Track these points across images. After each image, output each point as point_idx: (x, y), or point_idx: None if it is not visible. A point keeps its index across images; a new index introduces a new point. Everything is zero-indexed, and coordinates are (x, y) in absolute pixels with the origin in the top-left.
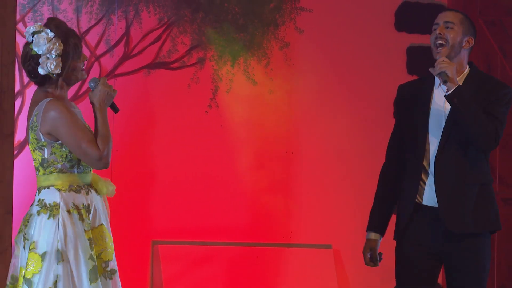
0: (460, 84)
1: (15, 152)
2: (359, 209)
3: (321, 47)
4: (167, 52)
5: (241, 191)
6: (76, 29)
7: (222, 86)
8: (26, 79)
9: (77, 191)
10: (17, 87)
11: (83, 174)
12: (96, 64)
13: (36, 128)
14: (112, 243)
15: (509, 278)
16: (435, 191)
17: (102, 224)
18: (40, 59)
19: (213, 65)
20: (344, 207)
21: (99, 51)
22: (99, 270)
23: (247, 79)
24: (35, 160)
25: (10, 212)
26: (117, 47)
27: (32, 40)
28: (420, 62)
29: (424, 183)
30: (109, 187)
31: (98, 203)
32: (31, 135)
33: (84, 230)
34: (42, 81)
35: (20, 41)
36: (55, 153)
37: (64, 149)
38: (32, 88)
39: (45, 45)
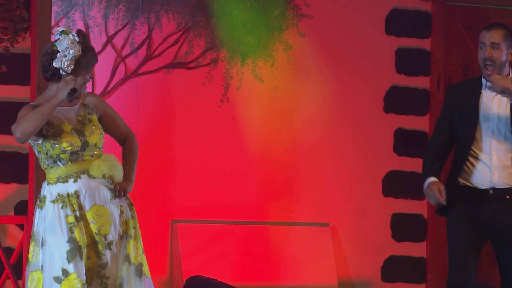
0: None
1: None
2: (353, 192)
3: (320, 49)
4: (185, 54)
5: (249, 175)
6: (104, 33)
7: (232, 83)
8: None
9: (65, 181)
10: None
11: (69, 165)
12: (121, 64)
13: None
14: (112, 217)
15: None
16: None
17: (95, 204)
18: (58, 54)
19: (224, 65)
20: (340, 190)
21: (124, 53)
22: (101, 245)
23: (254, 77)
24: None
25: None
26: (140, 49)
27: (58, 38)
28: (407, 62)
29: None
30: (103, 169)
31: (91, 186)
32: None
33: (67, 215)
34: (51, 77)
35: None
36: (40, 152)
37: (44, 147)
38: None
39: (67, 44)
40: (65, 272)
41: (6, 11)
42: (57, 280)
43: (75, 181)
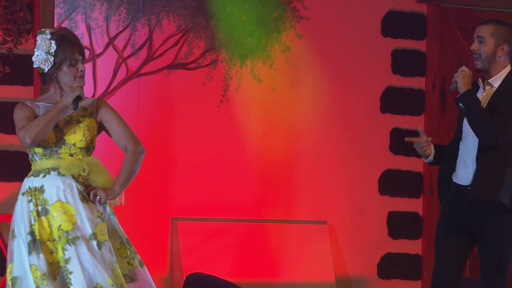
0: (496, 85)
1: None
2: (350, 190)
3: (317, 50)
4: (185, 55)
5: (248, 174)
6: (105, 35)
7: (232, 84)
8: None
9: (37, 175)
10: None
11: (43, 160)
12: (123, 65)
13: None
14: (79, 216)
15: None
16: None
17: (59, 201)
18: (34, 53)
19: (224, 66)
20: (338, 188)
21: (125, 54)
22: (63, 240)
23: (253, 78)
24: None
25: None
26: (141, 50)
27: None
28: (403, 63)
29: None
30: (71, 169)
31: (58, 183)
32: None
33: (32, 208)
34: (43, 79)
35: None
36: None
37: None
38: None
39: (39, 42)
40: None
41: (10, 13)
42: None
43: (44, 176)
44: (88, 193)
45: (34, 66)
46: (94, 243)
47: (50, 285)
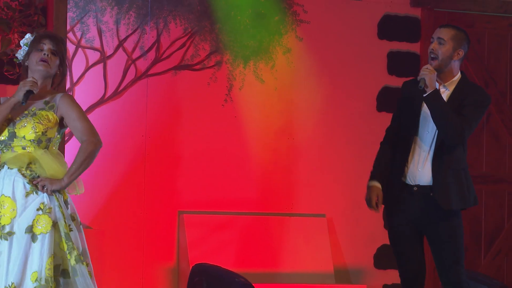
0: (450, 89)
1: (66, 139)
2: (348, 185)
3: (317, 52)
4: (191, 56)
5: (251, 170)
6: (115, 37)
7: (235, 84)
8: (75, 78)
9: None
10: (68, 85)
11: (2, 153)
12: (132, 66)
13: None
14: (17, 211)
15: (471, 242)
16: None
17: (2, 195)
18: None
19: (228, 67)
20: (336, 183)
21: (134, 55)
22: None
23: (256, 78)
24: None
25: None
26: (150, 52)
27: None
28: (398, 64)
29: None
30: (15, 162)
31: (3, 176)
32: None
33: None
34: (25, 72)
35: (70, 48)
36: None
37: None
38: (81, 85)
39: (22, 39)
40: None
41: (25, 17)
42: None
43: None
44: (35, 184)
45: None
46: (29, 236)
47: None
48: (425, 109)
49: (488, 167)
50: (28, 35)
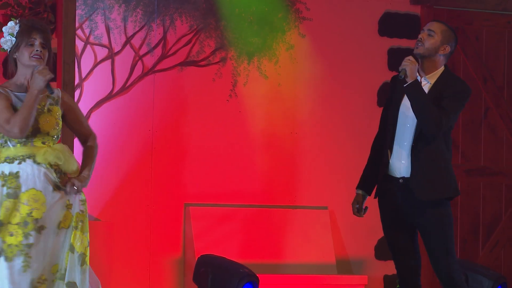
0: (431, 82)
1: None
2: (349, 178)
3: (319, 49)
4: (196, 53)
5: (255, 163)
6: (123, 34)
7: (240, 80)
8: (83, 73)
9: (11, 161)
10: (76, 81)
11: (18, 147)
12: (139, 62)
13: None
14: (47, 205)
15: (469, 233)
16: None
17: (33, 188)
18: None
19: (233, 63)
20: (338, 176)
21: (141, 52)
22: (30, 226)
23: (260, 74)
24: None
25: None
26: (156, 49)
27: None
28: (398, 61)
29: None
30: (48, 157)
31: (33, 171)
32: None
33: (4, 193)
34: (11, 65)
35: (78, 45)
36: None
37: None
38: (89, 81)
39: (7, 26)
40: None
41: (34, 14)
42: None
43: (19, 163)
44: (64, 184)
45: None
46: (57, 231)
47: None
48: (405, 102)
49: (486, 161)
50: (11, 23)
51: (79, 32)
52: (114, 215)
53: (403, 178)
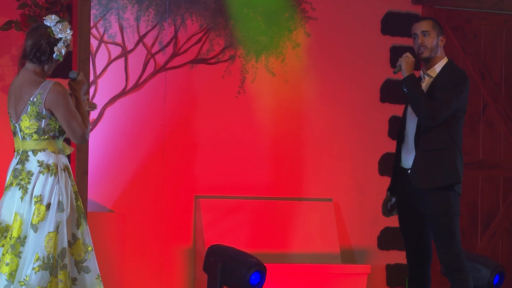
0: (433, 76)
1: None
2: (353, 171)
3: (324, 47)
4: (206, 51)
5: (262, 157)
6: (136, 33)
7: (248, 77)
8: (98, 71)
9: (62, 153)
10: (91, 78)
11: (62, 141)
12: (151, 60)
13: (39, 104)
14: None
15: (468, 224)
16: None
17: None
18: (59, 42)
19: (241, 60)
20: (342, 169)
21: (154, 50)
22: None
23: (267, 71)
24: (28, 128)
25: (86, 173)
26: (168, 47)
27: (56, 25)
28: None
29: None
30: (68, 150)
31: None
32: (31, 108)
33: (72, 184)
34: (40, 59)
35: (93, 43)
36: (50, 124)
37: (54, 122)
38: (103, 78)
39: (67, 33)
40: (74, 237)
41: (51, 14)
42: (69, 243)
43: (64, 155)
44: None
45: (55, 51)
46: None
47: (93, 258)
48: None
49: (484, 154)
50: (60, 26)
51: (93, 31)
52: (127, 207)
53: (410, 169)
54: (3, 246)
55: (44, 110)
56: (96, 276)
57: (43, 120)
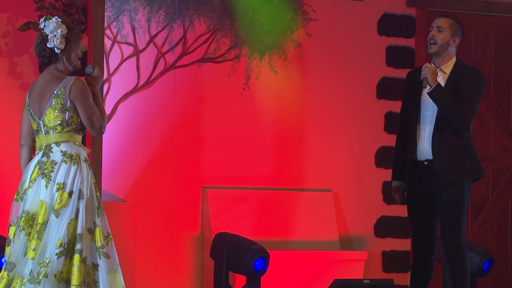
0: (447, 72)
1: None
2: (351, 163)
3: (324, 47)
4: (213, 50)
5: (266, 150)
6: (147, 34)
7: (252, 75)
8: (111, 69)
9: (82, 147)
10: (105, 76)
11: (81, 137)
12: (162, 59)
13: (64, 96)
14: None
15: (473, 214)
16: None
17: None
18: (48, 36)
19: (246, 59)
20: (341, 162)
21: (164, 50)
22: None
23: (270, 69)
24: (52, 121)
25: (100, 165)
26: (177, 47)
27: (44, 25)
28: (395, 57)
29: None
30: (85, 150)
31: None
32: (55, 101)
33: (92, 175)
34: (50, 58)
35: (107, 43)
36: (73, 117)
37: (77, 115)
38: (117, 76)
39: (53, 26)
40: (95, 224)
41: (67, 16)
42: (90, 231)
43: (83, 148)
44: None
45: (49, 46)
46: None
47: (112, 245)
48: (424, 92)
49: (476, 148)
50: (63, 26)
51: (107, 31)
52: (139, 196)
53: (427, 160)
54: (29, 234)
55: (68, 102)
56: (116, 262)
57: (67, 113)
